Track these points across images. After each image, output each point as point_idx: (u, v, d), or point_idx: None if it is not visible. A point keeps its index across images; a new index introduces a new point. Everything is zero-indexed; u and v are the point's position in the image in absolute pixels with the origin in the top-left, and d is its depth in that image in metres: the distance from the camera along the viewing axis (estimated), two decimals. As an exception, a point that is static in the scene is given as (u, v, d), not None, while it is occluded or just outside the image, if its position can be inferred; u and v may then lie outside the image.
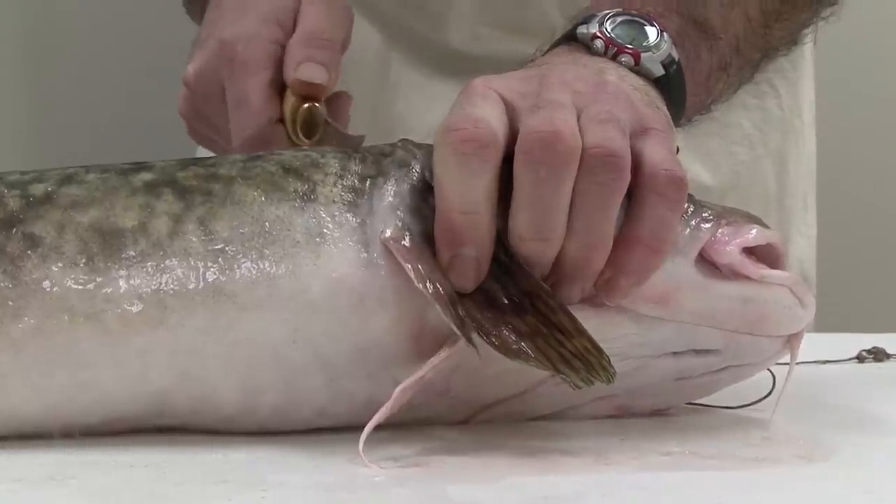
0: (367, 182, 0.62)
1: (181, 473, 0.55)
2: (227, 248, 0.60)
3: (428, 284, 0.58)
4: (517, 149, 0.59)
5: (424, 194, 0.61)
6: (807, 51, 1.03)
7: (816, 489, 0.55)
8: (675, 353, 0.64)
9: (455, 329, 0.57)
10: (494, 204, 0.59)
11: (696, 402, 0.68)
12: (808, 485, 0.56)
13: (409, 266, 0.59)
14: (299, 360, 0.59)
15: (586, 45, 0.67)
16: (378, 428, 0.59)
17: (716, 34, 0.73)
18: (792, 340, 0.66)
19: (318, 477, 0.55)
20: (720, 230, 0.64)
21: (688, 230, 0.63)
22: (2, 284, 0.58)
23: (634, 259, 0.60)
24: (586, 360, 0.57)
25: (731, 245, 0.64)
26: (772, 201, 1.02)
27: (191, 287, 0.59)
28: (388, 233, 0.60)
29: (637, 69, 0.66)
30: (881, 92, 1.73)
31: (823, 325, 0.99)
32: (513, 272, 0.59)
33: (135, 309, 0.58)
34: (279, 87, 0.77)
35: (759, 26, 0.77)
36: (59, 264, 0.59)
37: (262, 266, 0.59)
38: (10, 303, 0.58)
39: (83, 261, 0.59)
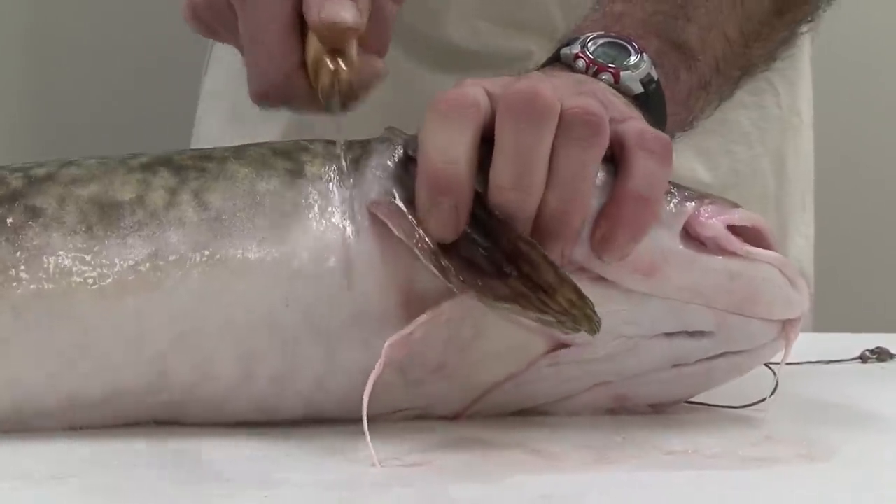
0: (354, 161, 0.64)
1: (184, 472, 0.55)
2: (219, 217, 0.62)
3: (413, 240, 0.60)
4: (499, 108, 0.61)
5: (408, 166, 0.63)
6: (805, 49, 1.03)
7: (818, 489, 0.55)
8: (667, 335, 0.64)
9: (436, 273, 0.59)
10: (475, 161, 0.61)
11: (699, 401, 0.68)
12: (810, 484, 0.56)
13: (393, 222, 0.61)
14: (293, 325, 0.61)
15: (569, 66, 0.69)
16: (380, 426, 0.60)
17: (695, 55, 0.75)
18: (787, 328, 0.65)
19: (321, 475, 0.55)
20: (703, 207, 0.65)
21: (672, 204, 0.64)
22: (3, 252, 0.60)
23: (629, 211, 0.61)
24: (571, 314, 0.58)
25: (715, 219, 0.64)
26: (770, 200, 1.02)
27: (185, 252, 0.61)
28: (373, 196, 0.62)
29: (617, 87, 0.68)
30: (879, 90, 1.73)
31: (822, 324, 0.99)
32: (493, 230, 0.60)
33: (131, 273, 0.60)
34: (300, 21, 0.66)
35: (739, 46, 0.79)
36: (59, 232, 0.61)
37: (252, 234, 0.61)
38: (11, 270, 0.60)
39: (82, 229, 0.61)
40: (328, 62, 0.65)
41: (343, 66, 0.65)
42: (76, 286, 0.60)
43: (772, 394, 0.67)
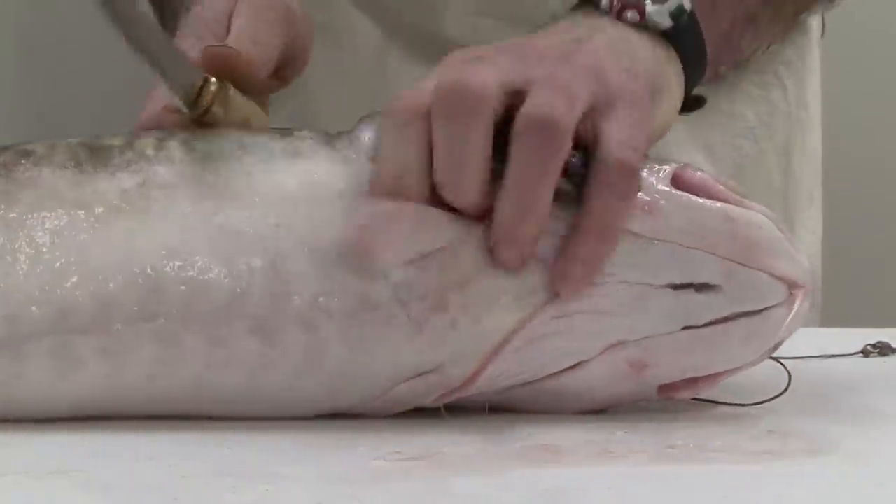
0: (345, 133, 0.65)
1: (186, 466, 0.55)
2: (208, 157, 0.64)
3: None
4: (432, 101, 0.61)
5: None
6: (814, 44, 1.03)
7: (821, 483, 0.55)
8: (674, 288, 0.63)
9: None
10: (428, 169, 0.61)
11: (707, 399, 0.68)
12: (814, 478, 0.56)
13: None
14: (285, 243, 0.61)
15: (594, 3, 0.67)
16: (381, 420, 0.61)
17: None
18: (794, 293, 0.64)
19: (322, 469, 0.55)
20: (684, 165, 0.65)
21: (658, 165, 0.64)
22: None
23: (581, 247, 0.61)
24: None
25: (699, 172, 0.65)
26: (777, 196, 1.02)
27: (174, 181, 0.63)
28: (367, 140, 0.64)
29: (644, 24, 0.66)
30: (888, 86, 1.73)
31: (829, 319, 0.99)
32: None
33: (120, 199, 0.62)
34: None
35: None
36: (50, 168, 0.63)
37: (240, 167, 0.63)
38: (2, 194, 0.62)
39: (72, 164, 0.63)
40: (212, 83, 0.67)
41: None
42: (66, 208, 0.61)
43: (785, 390, 0.67)
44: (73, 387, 0.60)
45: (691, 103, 0.71)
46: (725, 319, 0.64)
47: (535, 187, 0.60)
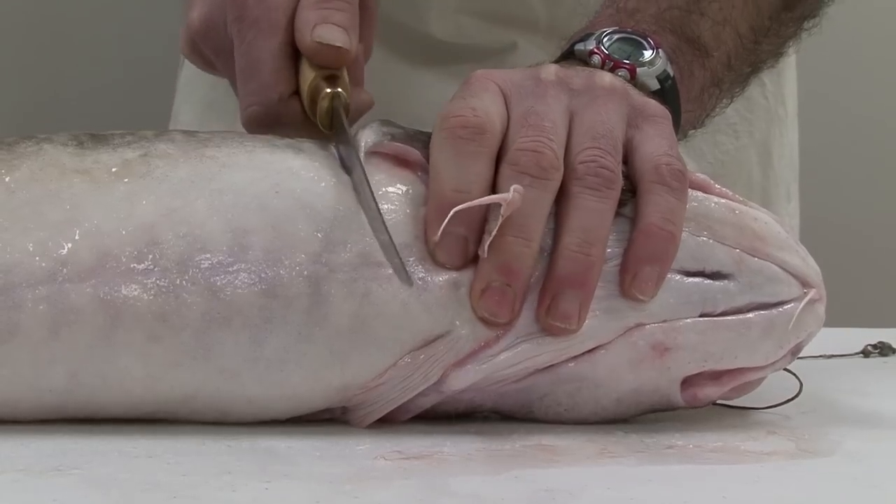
0: (339, 146, 0.66)
1: (185, 464, 0.55)
2: (209, 140, 0.65)
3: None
4: (503, 160, 0.61)
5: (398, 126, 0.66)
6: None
7: (820, 483, 0.55)
8: (687, 274, 0.63)
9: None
10: (488, 189, 0.61)
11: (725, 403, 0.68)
12: (813, 479, 0.56)
13: (402, 145, 0.64)
14: (284, 206, 0.61)
15: (584, 61, 0.69)
16: (382, 420, 0.60)
17: (708, 51, 0.75)
18: (807, 291, 0.65)
19: (322, 468, 0.55)
20: None
21: None
22: None
23: (650, 249, 0.62)
24: None
25: (702, 175, 0.66)
26: (756, 191, 1.02)
27: (175, 153, 0.63)
28: (371, 140, 0.65)
29: (633, 83, 0.68)
30: (863, 81, 1.73)
31: (829, 319, 0.99)
32: None
33: (121, 166, 0.62)
34: (295, 53, 0.70)
35: (750, 42, 0.79)
36: (52, 144, 0.64)
37: (242, 147, 0.64)
38: (4, 162, 0.62)
39: (73, 143, 0.64)
40: (326, 87, 0.68)
41: (341, 88, 0.68)
42: (67, 174, 0.62)
43: (797, 395, 0.67)
44: (69, 338, 0.59)
45: None
46: (741, 311, 0.64)
47: (597, 225, 0.62)
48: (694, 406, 0.64)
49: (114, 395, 0.60)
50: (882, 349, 0.87)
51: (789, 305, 0.64)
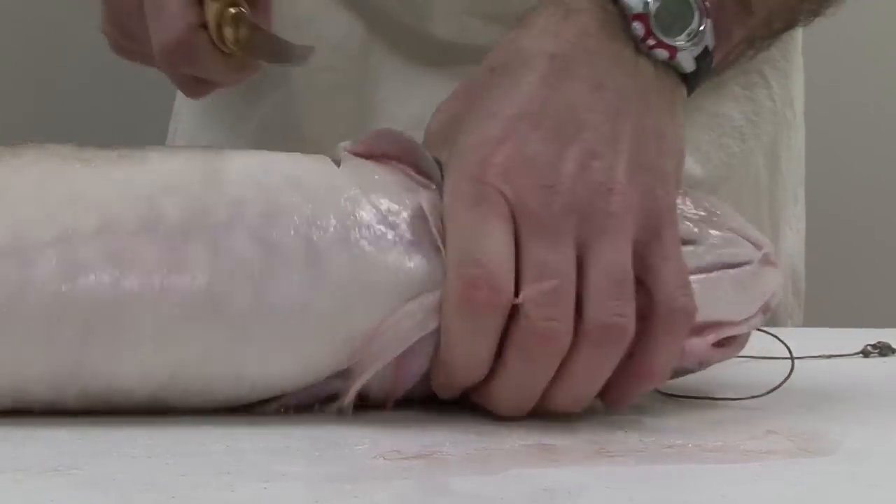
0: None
1: (184, 464, 0.55)
2: (209, 147, 0.68)
3: None
4: (513, 329, 0.61)
5: None
6: (797, 42, 1.03)
7: (820, 483, 0.55)
8: None
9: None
10: (494, 351, 0.62)
11: (721, 396, 0.68)
12: (812, 478, 0.56)
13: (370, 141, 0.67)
14: (275, 179, 0.64)
15: (625, 19, 0.66)
16: (380, 418, 0.61)
17: (752, 10, 0.71)
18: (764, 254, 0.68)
19: (320, 467, 0.55)
20: None
21: None
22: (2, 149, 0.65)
23: (635, 388, 0.63)
24: None
25: None
26: (763, 194, 1.01)
27: (176, 148, 0.69)
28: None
29: (668, 62, 0.66)
30: (870, 84, 1.73)
31: (813, 319, 0.99)
32: None
33: (121, 155, 0.65)
34: None
35: (795, 1, 0.77)
36: (54, 144, 0.66)
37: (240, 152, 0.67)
38: (9, 150, 0.65)
39: (73, 144, 0.66)
40: (230, 10, 0.73)
41: (243, 9, 0.74)
42: (69, 160, 0.64)
43: (787, 378, 0.68)
44: (80, 289, 0.61)
45: None
46: (709, 269, 0.67)
47: (593, 385, 0.63)
48: (684, 365, 0.66)
49: (126, 358, 0.61)
50: (882, 349, 0.86)
51: (751, 266, 0.68)
